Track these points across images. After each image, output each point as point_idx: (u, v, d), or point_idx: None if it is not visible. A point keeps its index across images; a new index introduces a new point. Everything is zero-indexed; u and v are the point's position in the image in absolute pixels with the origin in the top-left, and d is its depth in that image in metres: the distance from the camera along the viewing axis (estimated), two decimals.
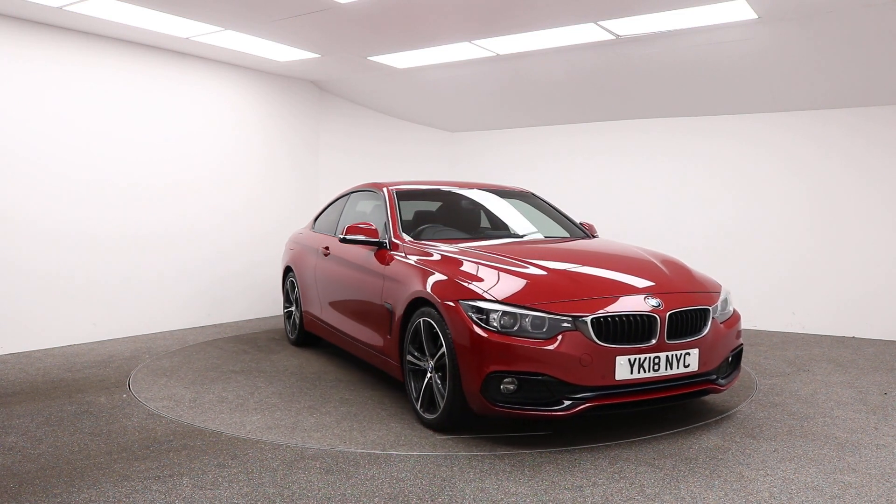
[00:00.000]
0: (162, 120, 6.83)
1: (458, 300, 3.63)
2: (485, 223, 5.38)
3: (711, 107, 7.36)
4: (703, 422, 4.01)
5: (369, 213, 5.41)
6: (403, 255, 4.39)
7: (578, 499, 2.94)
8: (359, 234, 4.66)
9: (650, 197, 7.94)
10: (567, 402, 3.43)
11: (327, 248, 5.57)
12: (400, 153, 9.15)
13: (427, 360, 3.88)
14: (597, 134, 8.32)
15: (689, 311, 3.71)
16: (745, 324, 7.33)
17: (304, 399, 4.54)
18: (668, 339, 3.60)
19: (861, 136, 6.75)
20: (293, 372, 5.32)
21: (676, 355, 3.60)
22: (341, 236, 4.77)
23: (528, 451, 3.50)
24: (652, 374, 3.54)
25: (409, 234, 4.75)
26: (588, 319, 3.45)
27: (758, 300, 7.28)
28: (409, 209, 5.21)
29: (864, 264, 6.75)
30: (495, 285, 3.68)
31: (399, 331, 4.15)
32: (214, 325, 7.27)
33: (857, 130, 6.76)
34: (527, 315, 3.47)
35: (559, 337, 3.43)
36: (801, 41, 5.69)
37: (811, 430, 3.89)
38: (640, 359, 3.50)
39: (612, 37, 5.89)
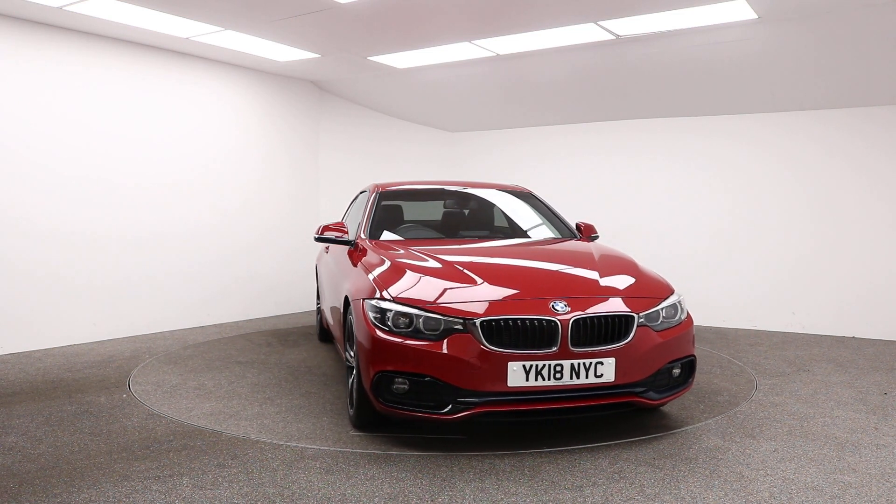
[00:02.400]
0: (162, 120, 6.83)
1: (364, 299, 3.67)
2: (466, 223, 5.35)
3: (711, 107, 7.36)
4: (703, 422, 4.01)
5: None
6: (362, 254, 4.45)
7: (578, 499, 2.94)
8: (329, 233, 4.75)
9: (650, 197, 7.93)
10: (452, 406, 3.34)
11: (328, 247, 5.68)
12: (400, 153, 9.14)
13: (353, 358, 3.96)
14: (597, 134, 8.31)
15: (603, 317, 3.45)
16: (744, 324, 7.32)
17: (271, 390, 4.68)
18: (575, 346, 3.37)
19: (861, 137, 6.75)
20: (291, 365, 5.42)
21: (585, 364, 3.36)
22: (316, 235, 4.86)
23: (528, 451, 3.50)
24: (553, 382, 3.34)
25: (392, 233, 4.82)
26: (478, 322, 3.33)
27: (758, 300, 7.28)
28: (400, 209, 5.29)
29: (864, 264, 6.75)
30: (401, 285, 3.65)
31: (343, 328, 4.25)
32: (215, 325, 7.26)
33: (857, 131, 6.76)
34: (421, 316, 3.41)
35: (449, 339, 3.34)
36: (801, 41, 5.69)
37: (811, 430, 3.89)
38: (537, 366, 3.31)
39: (612, 37, 5.89)
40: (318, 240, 4.80)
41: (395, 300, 3.52)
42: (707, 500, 2.93)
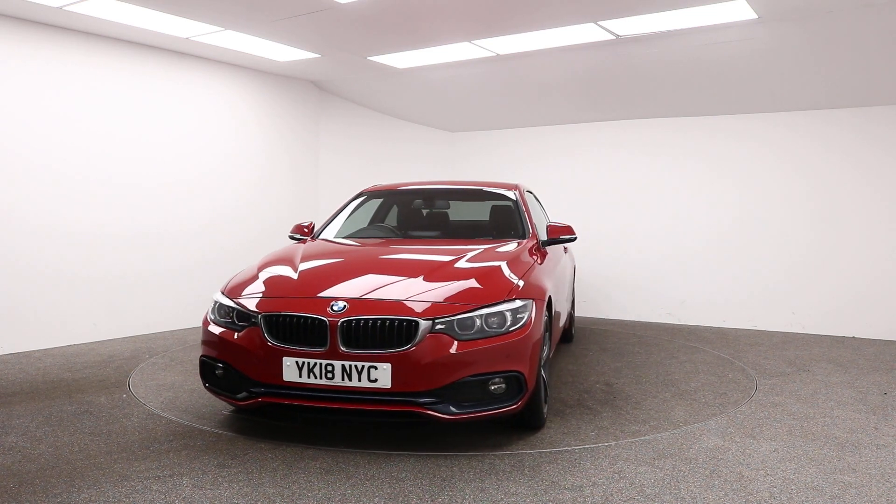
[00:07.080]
0: (162, 120, 6.83)
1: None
2: (422, 224, 5.32)
3: (711, 107, 7.36)
4: (703, 422, 4.02)
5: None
6: None
7: (578, 499, 2.94)
8: (296, 233, 5.00)
9: (650, 196, 7.93)
10: (244, 394, 3.57)
11: None
12: (400, 153, 9.14)
13: None
14: (597, 134, 8.32)
15: (380, 320, 3.34)
16: (744, 324, 7.32)
17: None
18: (347, 347, 3.33)
19: (861, 136, 6.75)
20: None
21: (357, 366, 3.31)
22: (290, 234, 5.05)
23: (528, 452, 3.50)
24: (325, 381, 3.35)
25: (344, 233, 5.00)
26: (261, 316, 3.52)
27: (758, 300, 7.28)
28: (376, 209, 5.41)
29: (864, 264, 6.75)
30: (240, 280, 3.94)
31: None
32: None
33: (858, 130, 6.76)
34: (234, 309, 3.68)
35: (246, 331, 3.57)
36: (801, 41, 5.69)
37: (811, 430, 3.89)
38: (309, 363, 3.37)
39: (612, 37, 5.88)
40: (291, 238, 5.00)
41: (224, 293, 3.85)
42: (707, 500, 2.93)
